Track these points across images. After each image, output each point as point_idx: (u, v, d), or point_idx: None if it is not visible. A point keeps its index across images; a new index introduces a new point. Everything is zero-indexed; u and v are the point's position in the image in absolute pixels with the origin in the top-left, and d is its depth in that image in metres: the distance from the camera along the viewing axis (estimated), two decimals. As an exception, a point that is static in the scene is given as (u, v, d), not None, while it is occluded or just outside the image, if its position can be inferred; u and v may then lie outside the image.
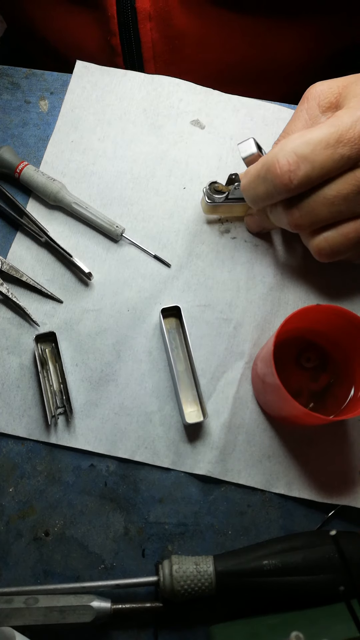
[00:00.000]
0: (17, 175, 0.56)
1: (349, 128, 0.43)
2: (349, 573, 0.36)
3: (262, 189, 0.46)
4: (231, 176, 0.52)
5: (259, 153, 0.49)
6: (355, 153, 0.43)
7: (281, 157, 0.44)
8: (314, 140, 0.43)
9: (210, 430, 0.52)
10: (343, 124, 0.43)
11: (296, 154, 0.43)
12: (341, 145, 0.43)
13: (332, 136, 0.43)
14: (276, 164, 0.44)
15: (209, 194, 0.53)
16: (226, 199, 0.54)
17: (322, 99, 0.48)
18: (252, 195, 0.48)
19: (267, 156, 0.45)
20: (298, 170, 0.43)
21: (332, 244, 0.47)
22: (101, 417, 0.52)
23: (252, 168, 0.47)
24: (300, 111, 0.49)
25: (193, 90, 0.61)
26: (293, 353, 0.52)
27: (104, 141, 0.59)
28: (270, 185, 0.45)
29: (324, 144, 0.43)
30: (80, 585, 0.47)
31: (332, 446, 0.52)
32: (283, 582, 0.45)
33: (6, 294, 0.53)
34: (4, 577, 0.49)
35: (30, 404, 0.52)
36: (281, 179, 0.44)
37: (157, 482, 0.51)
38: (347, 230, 0.46)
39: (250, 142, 0.49)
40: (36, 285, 0.54)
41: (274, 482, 0.51)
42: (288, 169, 0.43)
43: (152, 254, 0.55)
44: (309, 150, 0.43)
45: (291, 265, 0.56)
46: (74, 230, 0.56)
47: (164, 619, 0.48)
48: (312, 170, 0.43)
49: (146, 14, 0.61)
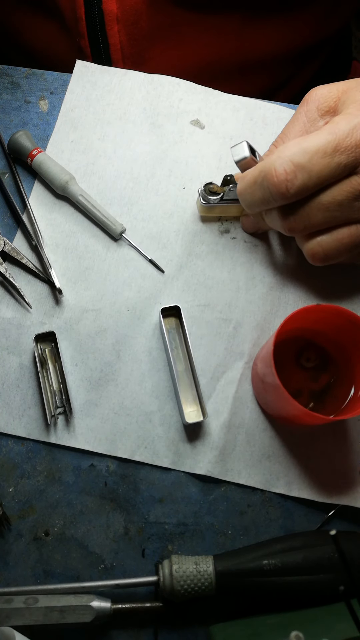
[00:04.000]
0: (29, 160, 0.56)
1: (346, 136, 0.43)
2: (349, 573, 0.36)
3: (258, 195, 0.47)
4: (226, 177, 0.52)
5: (252, 157, 0.49)
6: (351, 161, 0.44)
7: (278, 165, 0.44)
8: (311, 149, 0.43)
9: (210, 430, 0.52)
10: (340, 132, 0.44)
11: (293, 162, 0.43)
12: (338, 153, 0.43)
13: (330, 145, 0.43)
14: (273, 172, 0.44)
15: (203, 195, 0.53)
16: (221, 200, 0.53)
17: (322, 103, 0.48)
18: (248, 200, 0.48)
19: (264, 163, 0.46)
20: (295, 180, 0.44)
21: (326, 248, 0.48)
22: (101, 417, 0.52)
23: (249, 173, 0.48)
24: (299, 114, 0.50)
25: (193, 90, 0.61)
26: (293, 353, 0.52)
27: (103, 141, 0.59)
28: (267, 192, 0.45)
29: (321, 152, 0.43)
30: (80, 585, 0.47)
31: (332, 446, 0.52)
32: (283, 582, 0.45)
33: (4, 273, 0.54)
34: (4, 577, 0.49)
35: (30, 404, 0.52)
36: (278, 188, 0.44)
37: (157, 482, 0.51)
38: (341, 235, 0.47)
39: (243, 146, 0.49)
40: (34, 269, 0.54)
41: (274, 482, 0.51)
42: (285, 178, 0.44)
43: (148, 258, 0.55)
44: (306, 159, 0.43)
45: (291, 265, 0.56)
46: (75, 224, 0.56)
47: (164, 619, 0.48)
48: (309, 180, 0.44)
49: (113, 16, 0.61)
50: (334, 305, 0.46)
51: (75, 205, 0.57)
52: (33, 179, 0.58)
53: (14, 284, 0.54)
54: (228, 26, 0.64)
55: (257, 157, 0.50)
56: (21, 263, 0.55)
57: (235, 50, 0.67)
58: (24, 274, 0.55)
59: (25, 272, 0.55)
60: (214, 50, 0.66)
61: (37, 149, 0.57)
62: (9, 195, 0.57)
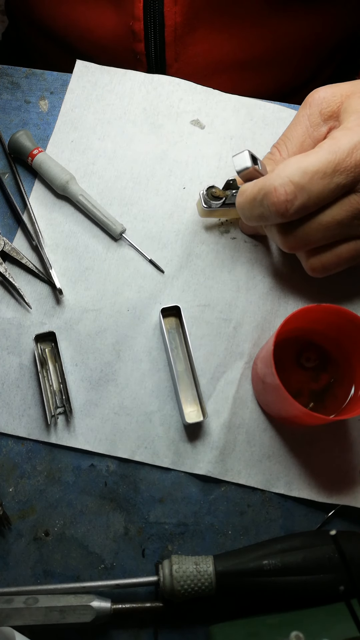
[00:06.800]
0: (30, 160, 0.56)
1: (346, 156, 0.44)
2: (349, 573, 0.36)
3: (257, 211, 0.47)
4: (229, 182, 0.52)
5: (254, 167, 0.48)
6: (350, 181, 0.44)
7: (279, 185, 0.44)
8: (311, 170, 0.44)
9: (210, 430, 0.52)
10: (340, 151, 0.44)
11: (293, 182, 0.44)
12: (337, 174, 0.44)
13: (330, 165, 0.44)
14: (273, 191, 0.44)
15: (206, 199, 0.53)
16: (223, 204, 0.53)
17: (325, 107, 0.48)
18: (247, 215, 0.49)
19: (264, 181, 0.46)
20: (295, 200, 0.44)
21: (325, 263, 0.49)
22: (101, 417, 0.52)
23: (249, 189, 0.48)
24: (302, 116, 0.49)
25: (193, 89, 0.61)
26: (293, 353, 0.52)
27: (103, 141, 0.59)
28: (266, 210, 0.46)
29: (321, 173, 0.44)
30: (80, 585, 0.47)
31: (332, 446, 0.52)
32: (283, 582, 0.45)
33: (3, 273, 0.54)
34: (4, 577, 0.49)
35: (30, 404, 0.52)
36: (277, 207, 0.44)
37: (157, 482, 0.51)
38: (340, 251, 0.48)
39: (245, 156, 0.48)
40: (34, 269, 0.54)
41: (274, 481, 0.51)
42: (285, 199, 0.44)
43: (148, 258, 0.55)
44: (306, 180, 0.44)
45: (291, 265, 0.56)
46: (75, 224, 0.56)
47: (164, 619, 0.48)
48: (309, 200, 0.44)
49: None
50: (334, 305, 0.46)
51: (76, 205, 0.57)
52: (33, 178, 0.58)
53: (14, 284, 0.54)
54: (270, 11, 0.64)
55: (259, 165, 0.49)
56: (21, 263, 0.55)
57: (271, 37, 0.67)
58: (24, 274, 0.55)
59: (25, 272, 0.55)
60: (253, 37, 0.67)
61: (38, 149, 0.57)
62: (9, 195, 0.57)
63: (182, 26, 0.64)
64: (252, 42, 0.68)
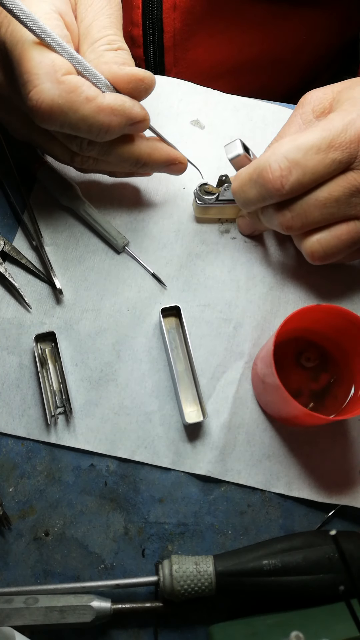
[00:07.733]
0: (34, 169, 0.56)
1: (340, 132, 0.44)
2: (349, 573, 0.36)
3: (253, 192, 0.47)
4: (221, 177, 0.53)
5: (246, 154, 0.49)
6: (346, 157, 0.44)
7: (273, 161, 0.44)
8: (306, 145, 0.43)
9: (210, 430, 0.52)
10: (334, 128, 0.44)
11: (287, 159, 0.44)
12: (332, 149, 0.43)
13: (324, 141, 0.44)
14: (268, 168, 0.44)
15: (198, 195, 0.54)
16: (216, 200, 0.54)
17: (317, 105, 0.49)
18: (243, 198, 0.48)
19: (258, 160, 0.46)
20: (290, 176, 0.44)
21: (325, 245, 0.47)
22: (101, 417, 0.52)
23: (244, 171, 0.48)
24: (294, 116, 0.50)
25: (193, 90, 0.61)
26: (293, 353, 0.52)
27: (103, 141, 0.59)
28: (262, 189, 0.45)
29: (315, 149, 0.43)
30: (80, 585, 0.47)
31: (332, 446, 0.52)
32: (283, 582, 0.45)
33: (3, 273, 0.54)
34: (4, 577, 0.49)
35: (30, 404, 0.52)
36: (273, 184, 0.44)
37: (157, 482, 0.51)
38: (339, 232, 0.47)
39: (237, 144, 0.49)
40: (34, 269, 0.54)
41: (274, 481, 0.51)
42: (280, 174, 0.44)
43: (150, 272, 0.55)
44: (301, 155, 0.43)
45: (291, 265, 0.56)
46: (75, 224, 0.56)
47: (164, 619, 0.48)
48: (304, 176, 0.44)
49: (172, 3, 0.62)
50: (334, 305, 0.46)
51: (76, 205, 0.57)
52: (34, 178, 0.58)
53: (14, 284, 0.54)
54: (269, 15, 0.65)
55: (250, 155, 0.50)
56: (21, 263, 0.55)
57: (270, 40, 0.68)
58: (24, 274, 0.55)
59: (25, 272, 0.55)
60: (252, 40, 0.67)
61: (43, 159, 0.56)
62: (9, 194, 0.57)
63: (181, 32, 0.64)
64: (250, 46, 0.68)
